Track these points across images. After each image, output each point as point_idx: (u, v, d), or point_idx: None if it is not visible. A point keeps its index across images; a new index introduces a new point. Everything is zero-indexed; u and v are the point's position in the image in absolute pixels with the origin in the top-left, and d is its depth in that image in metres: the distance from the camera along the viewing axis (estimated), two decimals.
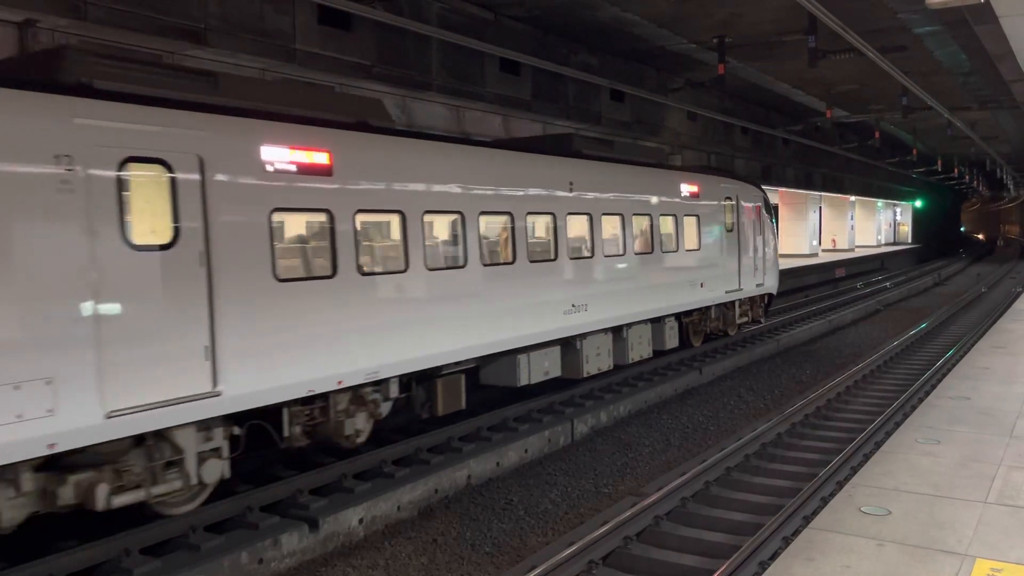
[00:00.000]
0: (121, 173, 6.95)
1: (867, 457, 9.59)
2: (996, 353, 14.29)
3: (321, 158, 8.65)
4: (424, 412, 10.84)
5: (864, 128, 35.96)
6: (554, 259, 12.31)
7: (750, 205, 18.80)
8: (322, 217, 8.74)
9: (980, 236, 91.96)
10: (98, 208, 6.75)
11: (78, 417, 6.53)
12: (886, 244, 60.87)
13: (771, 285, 20.25)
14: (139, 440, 7.31)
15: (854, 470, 9.29)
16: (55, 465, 6.83)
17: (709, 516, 8.91)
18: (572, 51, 18.71)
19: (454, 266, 10.55)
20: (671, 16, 17.16)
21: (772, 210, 20.17)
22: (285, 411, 8.62)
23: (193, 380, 7.36)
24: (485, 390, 12.59)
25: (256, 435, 8.54)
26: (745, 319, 19.42)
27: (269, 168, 8.14)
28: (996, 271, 47.39)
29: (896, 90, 24.09)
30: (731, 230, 17.88)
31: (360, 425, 9.38)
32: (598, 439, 12.53)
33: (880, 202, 57.68)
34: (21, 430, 6.19)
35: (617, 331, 14.17)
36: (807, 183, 38.30)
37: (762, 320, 20.45)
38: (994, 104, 28.89)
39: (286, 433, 8.71)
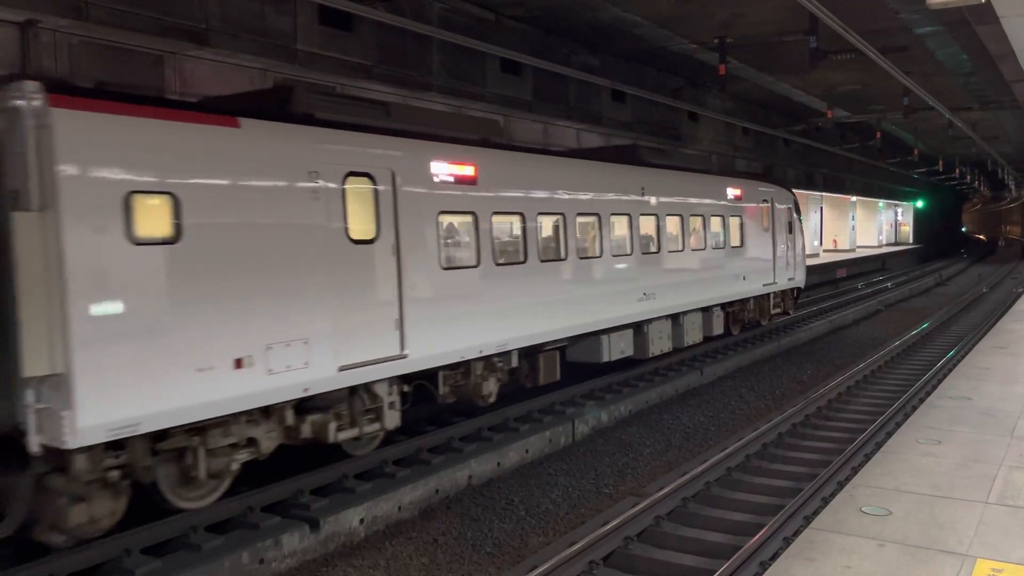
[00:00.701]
0: (344, 185, 8.97)
1: (868, 457, 9.58)
2: (997, 353, 14.28)
3: (469, 171, 10.79)
4: (528, 382, 12.68)
5: (865, 128, 35.95)
6: (630, 253, 14.35)
7: (783, 207, 20.71)
8: (469, 218, 10.82)
9: (981, 236, 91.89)
10: (332, 211, 8.79)
11: (322, 369, 8.66)
12: (887, 244, 60.83)
13: (800, 279, 22.17)
14: (352, 390, 9.28)
15: (855, 470, 9.29)
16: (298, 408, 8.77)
17: (710, 516, 8.91)
18: (573, 51, 18.71)
19: (557, 259, 12.50)
20: (672, 16, 17.16)
21: (799, 212, 22.12)
22: (440, 374, 10.69)
23: (389, 345, 9.47)
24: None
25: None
26: (778, 310, 21.37)
27: (435, 179, 10.27)
28: (997, 271, 47.36)
29: (897, 90, 24.10)
30: (767, 229, 19.76)
31: (492, 388, 11.52)
32: (599, 439, 12.53)
33: (881, 202, 57.65)
34: (291, 377, 8.31)
35: (675, 318, 16.01)
36: (808, 183, 38.29)
37: (791, 312, 22.32)
38: (995, 104, 28.88)
39: (441, 391, 10.82)
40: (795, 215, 21.53)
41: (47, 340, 6.55)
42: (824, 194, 43.18)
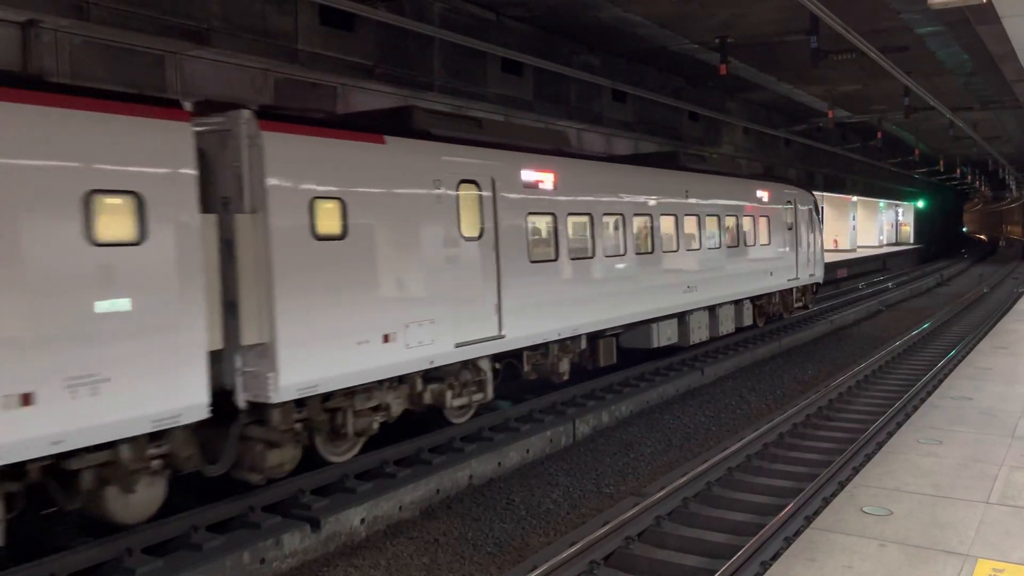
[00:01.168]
0: (458, 191, 10.66)
1: (869, 457, 9.57)
2: (998, 354, 14.28)
3: (550, 177, 12.47)
4: (589, 364, 14.10)
5: (866, 128, 35.94)
6: (676, 250, 15.91)
7: (804, 208, 22.32)
8: (549, 218, 12.45)
9: (982, 237, 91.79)
10: (450, 213, 10.52)
11: (444, 346, 10.33)
12: (888, 244, 60.80)
13: (819, 275, 23.74)
14: (463, 364, 10.99)
15: (856, 470, 9.28)
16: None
17: (711, 516, 8.91)
18: (574, 51, 18.71)
19: (617, 254, 14.10)
20: (673, 16, 17.16)
21: (820, 212, 23.91)
22: (525, 354, 12.29)
23: (490, 327, 11.14)
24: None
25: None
26: (799, 303, 22.91)
27: (524, 185, 11.94)
28: (998, 272, 47.33)
29: (898, 90, 24.09)
30: (791, 228, 21.31)
31: (565, 367, 13.18)
32: (600, 439, 12.53)
33: (882, 202, 57.63)
34: (422, 351, 10.01)
35: (712, 309, 17.50)
36: (809, 183, 38.26)
37: (810, 306, 23.90)
38: (996, 104, 28.86)
39: (525, 368, 12.44)
40: (815, 215, 23.18)
41: (257, 315, 8.16)
42: (825, 194, 43.17)
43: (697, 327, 16.80)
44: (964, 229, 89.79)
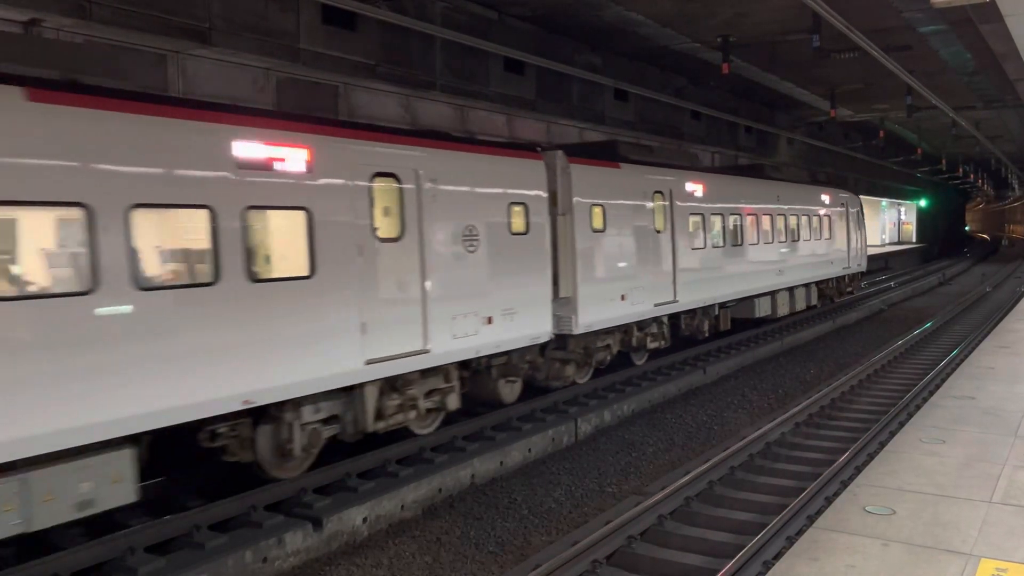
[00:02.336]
0: (653, 201, 15.14)
1: (871, 457, 9.56)
2: (1001, 353, 14.26)
3: (701, 187, 16.87)
4: (714, 328, 18.17)
5: (868, 127, 35.88)
6: (771, 243, 20.36)
7: (854, 210, 27.07)
8: (699, 217, 16.76)
9: (984, 236, 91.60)
10: (652, 216, 15.07)
11: (648, 306, 14.80)
12: (890, 243, 60.74)
13: (863, 265, 28.64)
14: (655, 319, 15.50)
15: (858, 470, 9.27)
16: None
17: (713, 515, 8.90)
18: (576, 51, 18.69)
19: (736, 244, 18.41)
20: (675, 15, 17.14)
21: (863, 213, 28.62)
22: (683, 317, 16.82)
23: (668, 294, 15.58)
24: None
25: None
26: (849, 289, 27.55)
27: (687, 193, 16.32)
28: (1001, 271, 47.27)
29: (901, 89, 24.03)
30: (844, 226, 25.92)
31: (705, 328, 17.62)
32: (602, 438, 12.53)
33: (884, 201, 57.56)
34: (639, 308, 14.55)
35: (791, 290, 21.80)
36: (811, 182, 38.20)
37: (855, 292, 28.53)
38: (999, 103, 28.81)
39: (683, 327, 16.86)
40: (860, 215, 27.78)
41: (567, 278, 12.87)
42: None
43: (782, 303, 21.24)
44: (967, 228, 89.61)
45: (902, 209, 66.68)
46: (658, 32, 18.30)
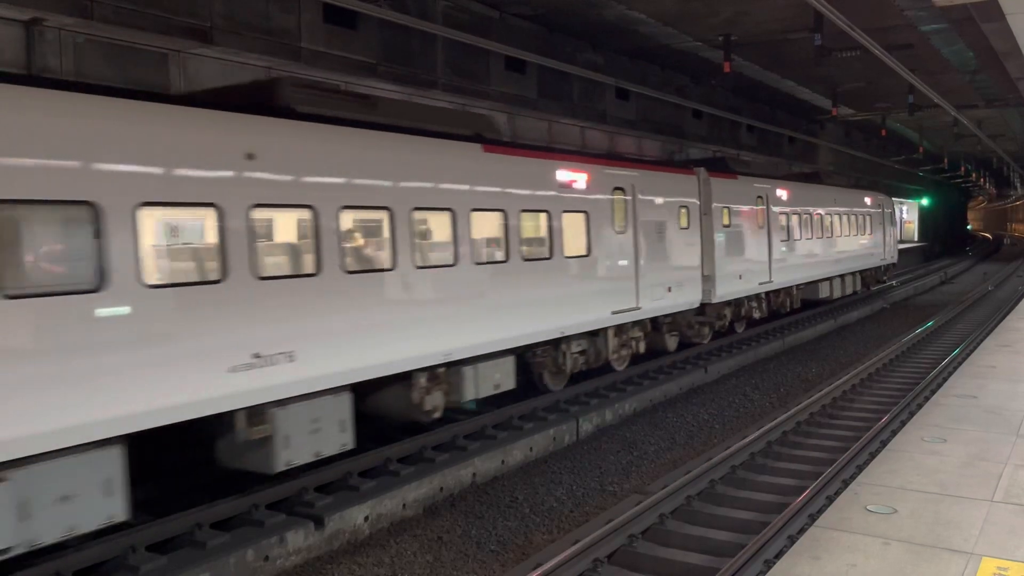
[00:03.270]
0: (757, 205, 19.97)
1: (873, 455, 9.56)
2: (1002, 352, 14.24)
3: (786, 193, 21.63)
4: (784, 308, 22.57)
5: (870, 126, 35.84)
6: (831, 237, 24.96)
7: (888, 210, 32.38)
8: (784, 217, 21.33)
9: (987, 235, 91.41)
10: (762, 215, 20.01)
11: (755, 285, 19.52)
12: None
13: (895, 257, 33.92)
14: (755, 295, 20.17)
15: (860, 468, 9.27)
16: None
17: (714, 514, 8.90)
18: (577, 49, 18.67)
19: (808, 238, 23.07)
20: (677, 14, 17.12)
21: (894, 212, 34.49)
22: (769, 295, 21.24)
23: (765, 276, 20.05)
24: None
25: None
26: (885, 277, 32.53)
27: (776, 197, 21.02)
28: (1003, 270, 47.21)
29: (902, 88, 24.02)
30: (881, 223, 30.98)
31: (788, 305, 22.37)
32: (603, 437, 12.53)
33: None
34: (750, 286, 19.25)
35: (842, 277, 26.44)
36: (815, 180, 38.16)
37: (886, 280, 33.05)
38: (1001, 102, 28.76)
39: (774, 303, 21.52)
40: (893, 214, 33.72)
41: (708, 261, 17.21)
42: None
43: (836, 288, 25.92)
44: (969, 227, 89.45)
45: (904, 208, 66.55)
46: (659, 31, 18.29)
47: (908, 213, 67.92)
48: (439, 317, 10.36)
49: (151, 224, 7.43)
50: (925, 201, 65.40)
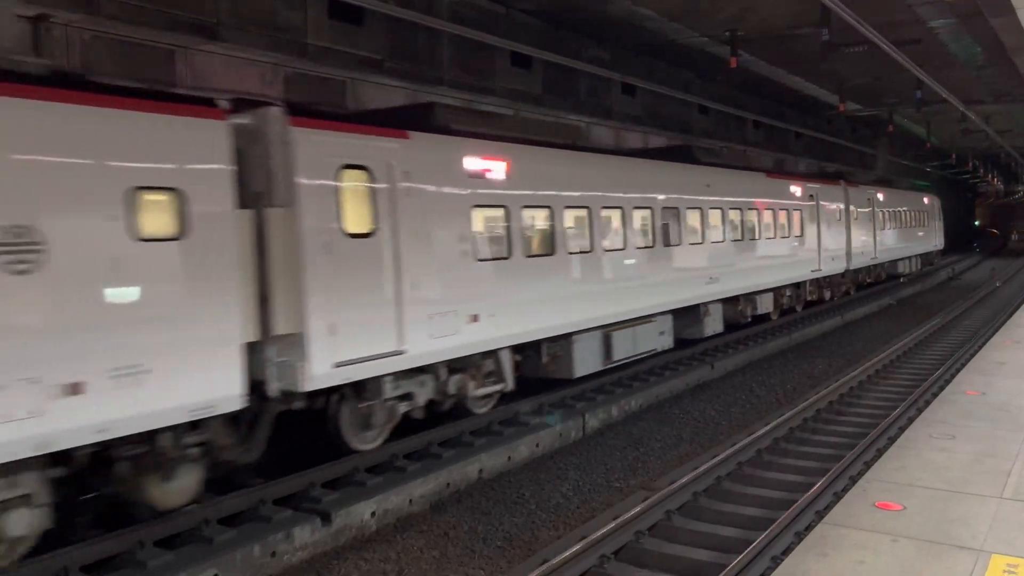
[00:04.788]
0: (843, 205, 25.76)
1: (880, 452, 9.53)
2: (1011, 348, 14.19)
3: (880, 195, 29.67)
4: (879, 279, 30.66)
5: (877, 121, 35.69)
6: (897, 228, 31.92)
7: (935, 205, 40.54)
8: (882, 213, 29.81)
9: (994, 231, 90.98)
10: (841, 215, 25.71)
11: (839, 267, 25.28)
12: None
13: (942, 244, 42.44)
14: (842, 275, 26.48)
15: (867, 465, 9.25)
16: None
17: (721, 511, 8.89)
18: (583, 45, 18.62)
19: (887, 229, 30.12)
20: (683, 10, 17.06)
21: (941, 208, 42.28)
22: (850, 275, 27.12)
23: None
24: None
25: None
26: (935, 260, 41.27)
27: (870, 199, 28.52)
28: (1011, 266, 46.99)
29: (910, 83, 23.89)
30: (932, 217, 39.40)
31: (866, 281, 29.75)
32: (609, 434, 12.52)
33: None
34: (834, 269, 24.94)
35: (909, 259, 34.73)
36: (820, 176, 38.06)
37: (934, 264, 41.09)
38: (1009, 98, 28.62)
39: (858, 280, 28.78)
40: (940, 210, 41.51)
41: (847, 244, 25.72)
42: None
43: (904, 267, 34.19)
44: (976, 223, 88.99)
45: None
46: (666, 26, 18.22)
47: None
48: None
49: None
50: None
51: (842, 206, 25.17)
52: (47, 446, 6.42)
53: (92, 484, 7.58)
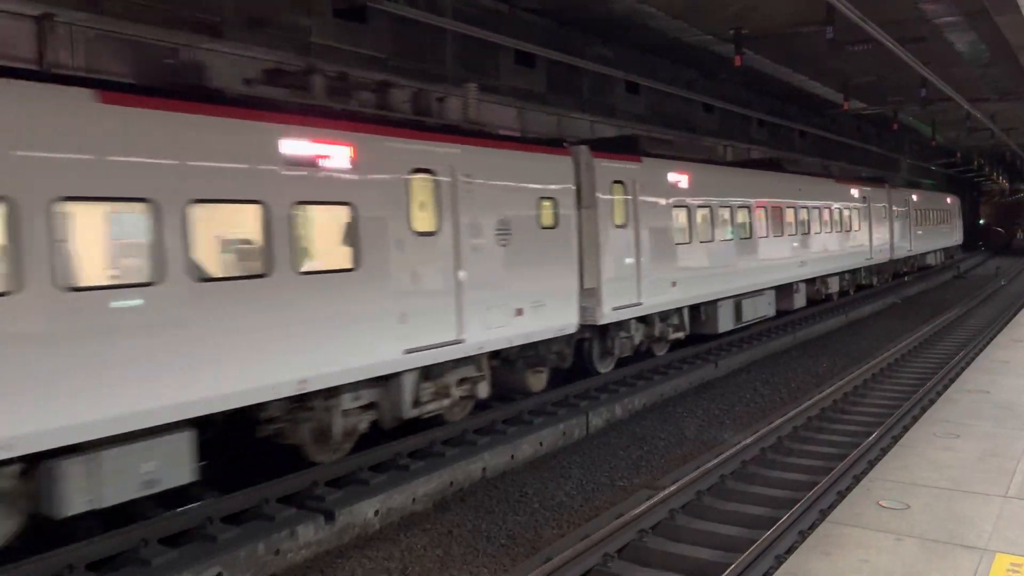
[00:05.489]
0: (881, 204, 29.98)
1: (884, 451, 9.52)
2: (1015, 347, 14.16)
3: (916, 197, 36.10)
4: (913, 269, 35.82)
5: (882, 119, 35.62)
6: (937, 224, 39.42)
7: (958, 205, 45.74)
8: (922, 214, 36.87)
9: (1000, 229, 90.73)
10: (886, 214, 31.01)
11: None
12: None
13: (961, 240, 47.42)
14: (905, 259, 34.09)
15: (871, 464, 9.23)
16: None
17: (724, 510, 8.87)
18: (587, 43, 18.61)
19: (921, 225, 35.74)
20: (687, 7, 17.03)
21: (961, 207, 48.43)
22: (904, 259, 33.79)
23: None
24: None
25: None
26: (952, 255, 45.32)
27: (906, 201, 33.56)
28: (1016, 264, 46.87)
29: (915, 81, 23.82)
30: (955, 216, 44.40)
31: (915, 267, 36.70)
32: (613, 432, 12.52)
33: None
34: (903, 252, 33.28)
35: (935, 252, 40.26)
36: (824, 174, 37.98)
37: (953, 256, 45.89)
38: (1014, 96, 28.53)
39: (905, 268, 35.05)
40: (959, 208, 46.43)
41: (891, 238, 31.05)
42: None
43: (932, 259, 39.45)
44: (981, 221, 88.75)
45: None
46: (670, 24, 18.20)
47: None
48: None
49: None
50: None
51: (886, 205, 29.24)
52: (509, 342, 11.46)
53: (498, 377, 11.92)
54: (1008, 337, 15.55)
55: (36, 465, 6.72)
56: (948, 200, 43.14)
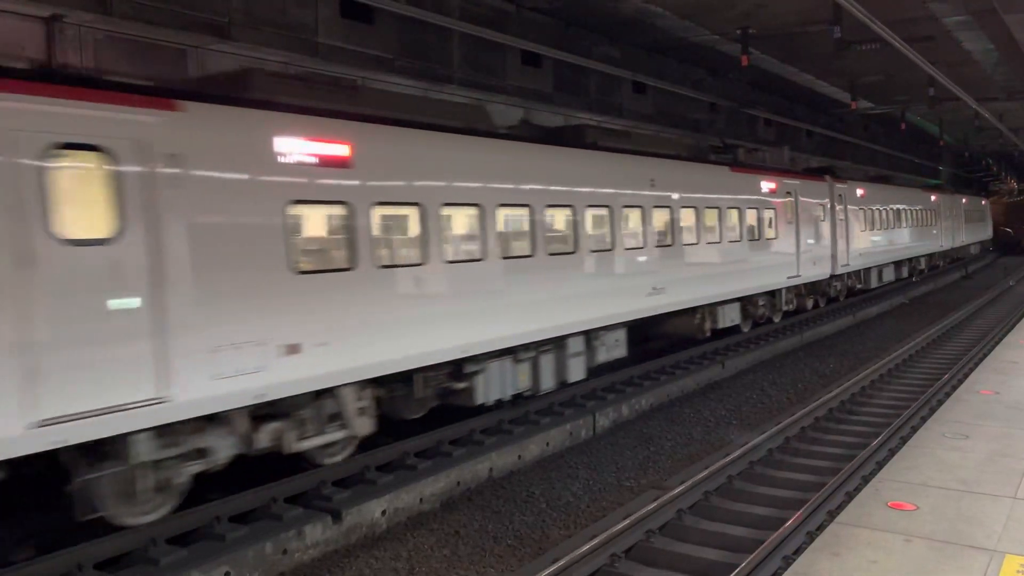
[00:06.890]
0: (957, 208, 41.61)
1: (893, 452, 9.48)
2: None
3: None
4: (966, 255, 44.57)
5: (890, 119, 35.50)
6: (972, 223, 45.05)
7: (984, 203, 48.65)
8: (971, 212, 46.41)
9: (1008, 230, 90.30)
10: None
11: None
12: None
13: (990, 234, 52.66)
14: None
15: (880, 464, 9.20)
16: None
17: (732, 510, 8.86)
18: (594, 43, 18.58)
19: (967, 223, 43.86)
20: (694, 7, 16.99)
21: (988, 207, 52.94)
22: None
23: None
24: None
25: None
26: (987, 248, 52.47)
27: (972, 206, 47.14)
28: None
29: (923, 81, 23.73)
30: (986, 215, 50.98)
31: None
32: (620, 432, 12.50)
33: None
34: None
35: (974, 244, 47.15)
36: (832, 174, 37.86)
37: (973, 252, 48.68)
38: (1022, 95, 28.40)
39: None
40: (988, 208, 51.93)
41: (958, 236, 41.27)
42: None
43: (973, 250, 44.56)
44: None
45: None
46: (676, 24, 18.16)
47: None
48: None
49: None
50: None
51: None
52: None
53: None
54: (1017, 337, 15.48)
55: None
56: (983, 202, 46.25)
